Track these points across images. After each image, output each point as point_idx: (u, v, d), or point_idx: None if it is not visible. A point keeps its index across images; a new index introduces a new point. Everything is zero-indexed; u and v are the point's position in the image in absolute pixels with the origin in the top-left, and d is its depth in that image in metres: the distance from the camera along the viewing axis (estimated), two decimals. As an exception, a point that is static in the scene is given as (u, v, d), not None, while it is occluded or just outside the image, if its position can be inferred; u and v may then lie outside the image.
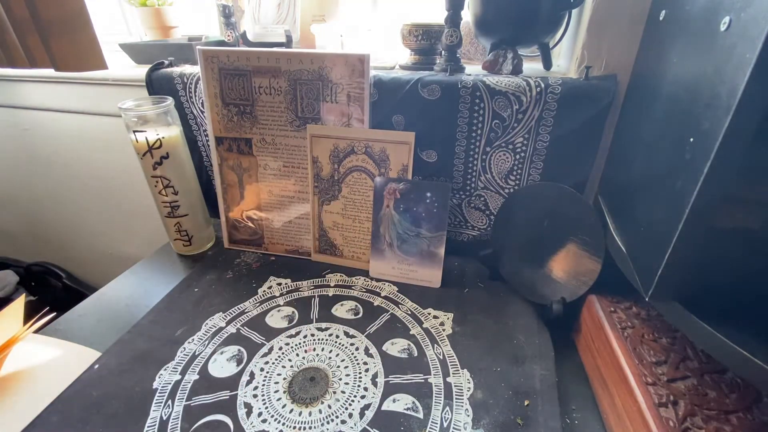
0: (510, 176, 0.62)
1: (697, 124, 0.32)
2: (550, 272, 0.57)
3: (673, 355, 0.42)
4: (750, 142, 0.27)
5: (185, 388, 0.45)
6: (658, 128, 0.41)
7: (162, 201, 0.64)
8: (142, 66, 0.80)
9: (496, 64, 0.60)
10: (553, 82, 0.54)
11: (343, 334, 0.53)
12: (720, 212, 0.31)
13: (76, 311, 0.58)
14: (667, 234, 0.33)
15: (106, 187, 1.04)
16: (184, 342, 0.51)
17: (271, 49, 0.60)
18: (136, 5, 0.87)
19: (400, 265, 0.62)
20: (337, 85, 0.58)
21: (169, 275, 0.65)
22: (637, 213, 0.44)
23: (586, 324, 0.51)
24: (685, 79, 0.37)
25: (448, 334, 0.52)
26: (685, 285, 0.34)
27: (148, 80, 0.70)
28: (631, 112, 0.51)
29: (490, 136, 0.59)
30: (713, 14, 0.32)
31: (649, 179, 0.42)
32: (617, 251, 0.46)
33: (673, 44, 0.40)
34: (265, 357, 0.49)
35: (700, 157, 0.30)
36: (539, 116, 0.56)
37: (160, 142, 0.59)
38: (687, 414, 0.36)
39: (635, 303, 0.49)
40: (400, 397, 0.44)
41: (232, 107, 0.62)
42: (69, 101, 0.91)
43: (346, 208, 0.65)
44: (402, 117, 0.61)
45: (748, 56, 0.26)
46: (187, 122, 0.72)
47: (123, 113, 0.58)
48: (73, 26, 0.67)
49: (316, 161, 0.63)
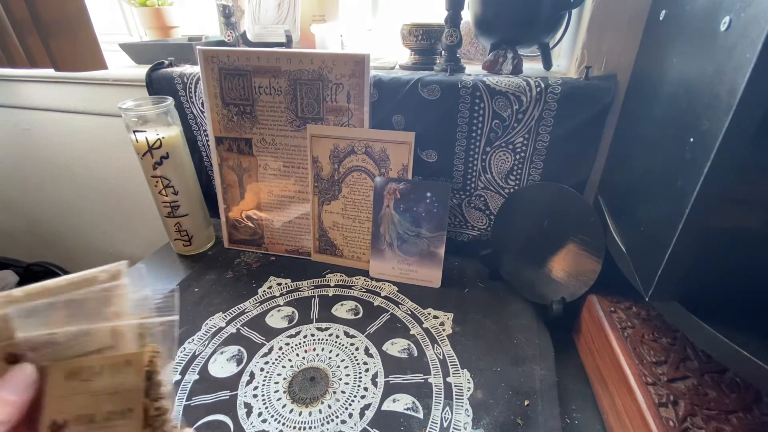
0: (510, 176, 0.62)
1: (697, 124, 0.32)
2: (550, 272, 0.57)
3: (673, 355, 0.42)
4: (750, 142, 0.27)
5: (185, 388, 0.45)
6: (658, 128, 0.41)
7: (162, 201, 0.64)
8: (142, 66, 0.80)
9: (496, 64, 0.60)
10: (553, 82, 0.54)
11: (343, 334, 0.53)
12: (720, 212, 0.31)
13: (76, 311, 0.58)
14: (668, 234, 0.33)
15: (106, 187, 1.04)
16: (184, 342, 0.51)
17: (271, 49, 0.60)
18: (136, 5, 0.87)
19: (400, 265, 0.62)
20: (337, 85, 0.58)
21: (169, 275, 0.65)
22: (637, 213, 0.44)
23: (586, 324, 0.51)
24: (685, 79, 0.37)
25: (448, 334, 0.52)
26: (685, 285, 0.34)
27: (148, 80, 0.70)
28: (631, 112, 0.51)
29: (490, 136, 0.59)
30: (713, 14, 0.32)
31: (649, 179, 0.42)
32: (617, 251, 0.46)
33: (673, 44, 0.40)
34: (265, 357, 0.49)
35: (701, 157, 0.30)
36: (539, 116, 0.56)
37: (160, 142, 0.59)
38: (687, 414, 0.36)
39: (635, 303, 0.49)
40: (400, 397, 0.44)
41: (232, 107, 0.62)
42: (69, 101, 0.91)
43: (346, 208, 0.65)
44: (402, 117, 0.61)
45: (748, 56, 0.26)
46: (187, 122, 0.72)
47: (123, 113, 0.58)
48: (73, 26, 0.67)
49: (316, 161, 0.63)
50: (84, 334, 0.21)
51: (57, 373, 0.20)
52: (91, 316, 0.21)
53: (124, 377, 0.20)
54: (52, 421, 0.20)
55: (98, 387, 0.20)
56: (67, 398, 0.20)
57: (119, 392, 0.20)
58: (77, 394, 0.20)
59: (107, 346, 0.21)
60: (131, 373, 0.20)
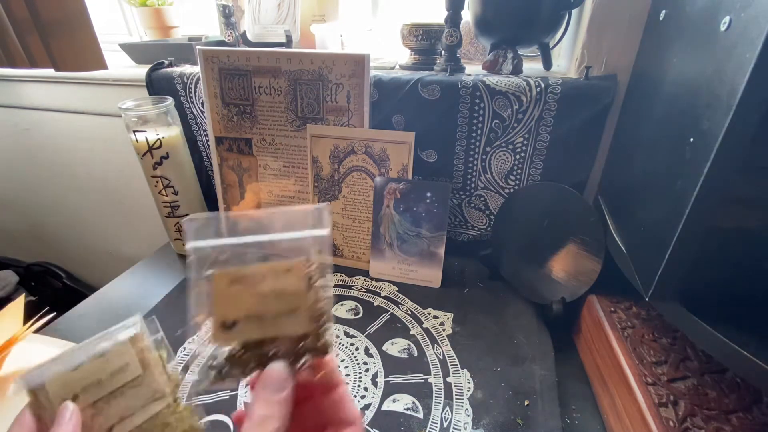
0: (510, 176, 0.62)
1: (697, 124, 0.32)
2: (550, 272, 0.57)
3: (673, 355, 0.42)
4: (750, 142, 0.27)
5: (185, 387, 0.45)
6: (658, 128, 0.41)
7: (162, 201, 0.64)
8: (142, 66, 0.80)
9: (496, 64, 0.60)
10: (553, 82, 0.54)
11: (343, 333, 0.53)
12: (720, 212, 0.31)
13: (76, 311, 0.58)
14: (668, 234, 0.33)
15: (106, 187, 1.04)
16: (184, 342, 0.51)
17: (271, 49, 0.60)
18: (136, 5, 0.87)
19: (400, 265, 0.62)
20: (337, 85, 0.58)
21: (169, 275, 0.65)
22: (637, 213, 0.44)
23: (586, 324, 0.51)
24: (685, 79, 0.37)
25: (448, 334, 0.52)
26: (685, 285, 0.34)
27: (148, 80, 0.70)
28: (631, 112, 0.51)
29: (490, 136, 0.59)
30: (713, 14, 0.32)
31: (649, 179, 0.42)
32: (617, 251, 0.46)
33: (673, 44, 0.40)
34: (265, 357, 0.49)
35: (701, 157, 0.30)
36: (539, 116, 0.56)
37: (160, 142, 0.59)
38: (687, 414, 0.36)
39: (635, 303, 0.49)
40: (400, 397, 0.44)
41: (232, 107, 0.62)
42: (69, 101, 0.91)
43: (346, 208, 0.64)
44: (402, 117, 0.61)
45: (748, 56, 0.26)
46: (187, 122, 0.72)
47: (123, 113, 0.58)
48: (73, 26, 0.67)
49: (316, 161, 0.63)
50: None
51: (222, 281, 0.22)
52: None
53: (287, 281, 0.23)
54: (222, 321, 0.22)
55: (264, 290, 0.22)
56: (234, 301, 0.22)
57: (284, 295, 0.22)
58: (244, 297, 0.22)
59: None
60: (293, 278, 0.23)
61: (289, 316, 0.22)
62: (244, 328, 0.22)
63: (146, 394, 0.22)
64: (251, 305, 0.22)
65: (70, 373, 0.21)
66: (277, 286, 0.22)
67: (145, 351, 0.23)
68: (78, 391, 0.21)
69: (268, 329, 0.22)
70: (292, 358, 0.23)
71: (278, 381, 0.21)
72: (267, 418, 0.20)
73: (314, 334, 0.23)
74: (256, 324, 0.22)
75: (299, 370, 0.23)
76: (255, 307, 0.22)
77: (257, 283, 0.22)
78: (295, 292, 0.23)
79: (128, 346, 0.22)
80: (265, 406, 0.21)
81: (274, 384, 0.21)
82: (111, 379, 0.21)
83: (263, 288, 0.22)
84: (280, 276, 0.23)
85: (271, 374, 0.22)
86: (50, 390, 0.20)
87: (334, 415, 0.25)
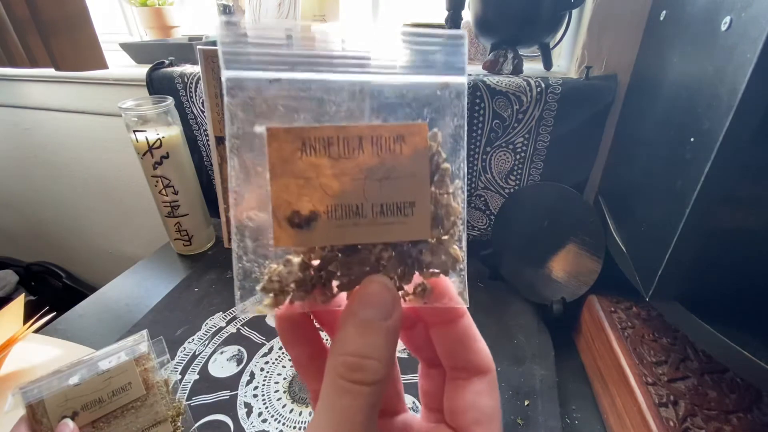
0: (510, 176, 0.62)
1: (698, 124, 0.32)
2: (550, 272, 0.57)
3: (674, 355, 0.42)
4: (750, 142, 0.27)
5: (185, 387, 0.45)
6: (659, 128, 0.41)
7: (162, 201, 0.64)
8: (142, 65, 0.80)
9: (497, 64, 0.60)
10: (553, 82, 0.54)
11: (343, 334, 0.53)
12: (720, 212, 0.31)
13: (76, 311, 0.58)
14: (668, 234, 0.33)
15: (106, 186, 1.04)
16: (184, 342, 0.51)
17: (272, 49, 0.60)
18: (136, 5, 0.87)
19: (400, 265, 0.62)
20: (338, 84, 0.58)
21: (169, 275, 0.65)
22: (637, 213, 0.44)
23: (586, 324, 0.51)
24: (686, 79, 0.37)
25: (448, 334, 0.52)
26: (686, 285, 0.34)
27: (149, 80, 0.70)
28: (631, 112, 0.51)
29: (490, 136, 0.59)
30: (714, 14, 0.32)
31: (650, 179, 0.42)
32: (617, 251, 0.46)
33: (674, 44, 0.40)
34: (265, 357, 0.49)
35: (701, 157, 0.30)
36: (539, 116, 0.56)
37: (160, 142, 0.59)
38: (687, 414, 0.36)
39: (635, 303, 0.49)
40: (400, 397, 0.44)
41: (232, 107, 0.62)
42: (69, 101, 0.91)
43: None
44: (402, 117, 0.61)
45: (749, 56, 0.26)
46: (187, 122, 0.72)
47: (123, 113, 0.58)
48: (73, 26, 0.67)
49: (316, 161, 0.63)
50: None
51: (288, 144, 0.15)
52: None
53: (397, 154, 0.15)
54: (290, 212, 0.15)
55: (360, 165, 0.15)
56: (309, 181, 0.15)
57: (392, 177, 0.15)
58: (327, 175, 0.15)
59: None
60: (408, 149, 0.15)
61: (400, 211, 0.15)
62: (326, 226, 0.15)
63: (147, 417, 0.21)
64: (338, 189, 0.15)
65: (71, 390, 0.20)
66: (382, 162, 0.15)
67: (149, 372, 0.22)
68: (78, 408, 0.20)
69: (364, 230, 0.15)
70: (399, 274, 0.16)
71: (383, 302, 0.14)
72: (364, 357, 0.13)
73: (437, 242, 0.16)
74: (347, 220, 0.15)
75: (412, 294, 0.16)
76: (345, 192, 0.15)
77: (349, 154, 0.14)
78: (412, 173, 0.15)
79: (132, 366, 0.21)
80: (364, 335, 0.14)
81: (377, 305, 0.14)
82: (112, 398, 0.20)
83: (359, 162, 0.14)
84: (388, 144, 0.15)
85: (372, 290, 0.14)
86: (49, 406, 0.19)
87: (457, 357, 0.17)
